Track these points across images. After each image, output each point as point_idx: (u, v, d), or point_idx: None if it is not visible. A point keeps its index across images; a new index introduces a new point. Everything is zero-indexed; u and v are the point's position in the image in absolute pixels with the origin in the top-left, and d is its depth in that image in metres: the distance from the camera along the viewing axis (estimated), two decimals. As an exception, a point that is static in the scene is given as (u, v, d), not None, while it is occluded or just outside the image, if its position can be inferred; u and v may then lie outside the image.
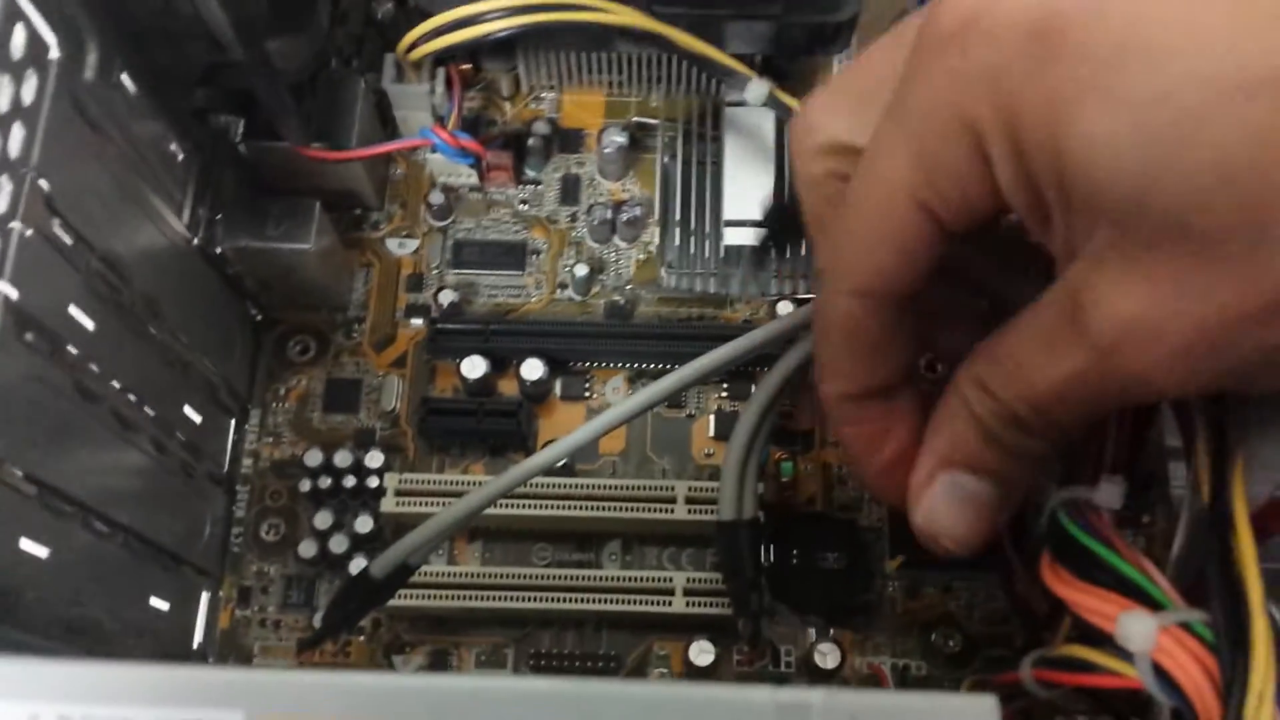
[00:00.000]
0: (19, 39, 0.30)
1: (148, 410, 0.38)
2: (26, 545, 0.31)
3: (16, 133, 0.30)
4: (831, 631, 0.43)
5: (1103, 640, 0.29)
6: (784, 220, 0.46)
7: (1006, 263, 0.30)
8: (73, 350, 0.33)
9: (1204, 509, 0.27)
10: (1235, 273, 0.21)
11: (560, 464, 0.44)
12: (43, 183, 0.31)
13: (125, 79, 0.36)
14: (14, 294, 0.30)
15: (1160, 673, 0.27)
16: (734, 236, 0.45)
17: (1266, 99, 0.19)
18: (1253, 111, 0.20)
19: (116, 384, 0.36)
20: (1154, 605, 0.27)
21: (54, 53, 0.32)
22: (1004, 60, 0.22)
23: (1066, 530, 0.30)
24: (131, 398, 0.37)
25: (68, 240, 0.33)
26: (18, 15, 0.30)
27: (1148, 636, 0.27)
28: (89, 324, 0.34)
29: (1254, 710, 0.24)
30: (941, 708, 0.21)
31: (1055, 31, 0.21)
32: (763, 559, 0.42)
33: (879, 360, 0.28)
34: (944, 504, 0.28)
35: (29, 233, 0.31)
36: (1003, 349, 0.26)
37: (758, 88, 0.44)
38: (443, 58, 0.47)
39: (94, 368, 0.34)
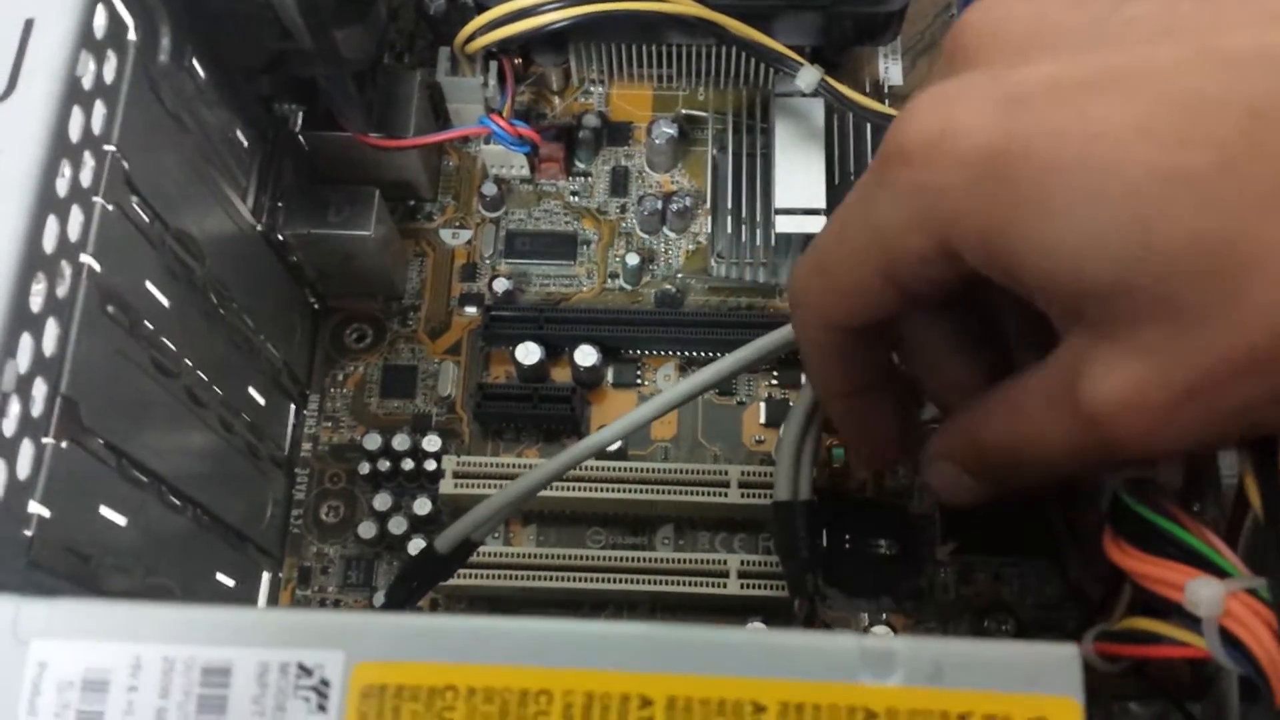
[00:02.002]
0: (100, 19, 0.31)
1: (216, 389, 0.38)
2: (106, 512, 0.32)
3: (99, 110, 0.31)
4: (885, 616, 0.43)
5: (1166, 613, 0.29)
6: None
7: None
8: (149, 325, 0.34)
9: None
10: (1216, 334, 0.23)
11: (614, 448, 0.44)
12: (122, 160, 0.32)
13: (196, 64, 0.37)
14: (97, 266, 0.31)
15: (1228, 639, 0.27)
16: (785, 225, 0.45)
17: (1224, 180, 0.22)
18: (1213, 191, 0.22)
19: (189, 361, 0.36)
20: (1220, 574, 0.28)
21: (132, 35, 0.33)
22: (971, 180, 0.24)
23: (1130, 508, 0.30)
24: (202, 375, 0.37)
25: (145, 218, 0.34)
26: (100, -4, 0.31)
27: (1216, 601, 0.27)
28: (164, 301, 0.35)
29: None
30: (1025, 655, 0.22)
31: (1018, 152, 0.24)
32: (818, 544, 0.42)
33: (852, 370, 0.31)
34: (939, 481, 0.32)
35: (110, 208, 0.31)
36: (1008, 403, 0.29)
37: (809, 74, 0.44)
38: (495, 51, 0.47)
39: (169, 344, 0.35)
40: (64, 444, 0.29)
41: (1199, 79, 0.23)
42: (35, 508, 0.28)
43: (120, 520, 0.32)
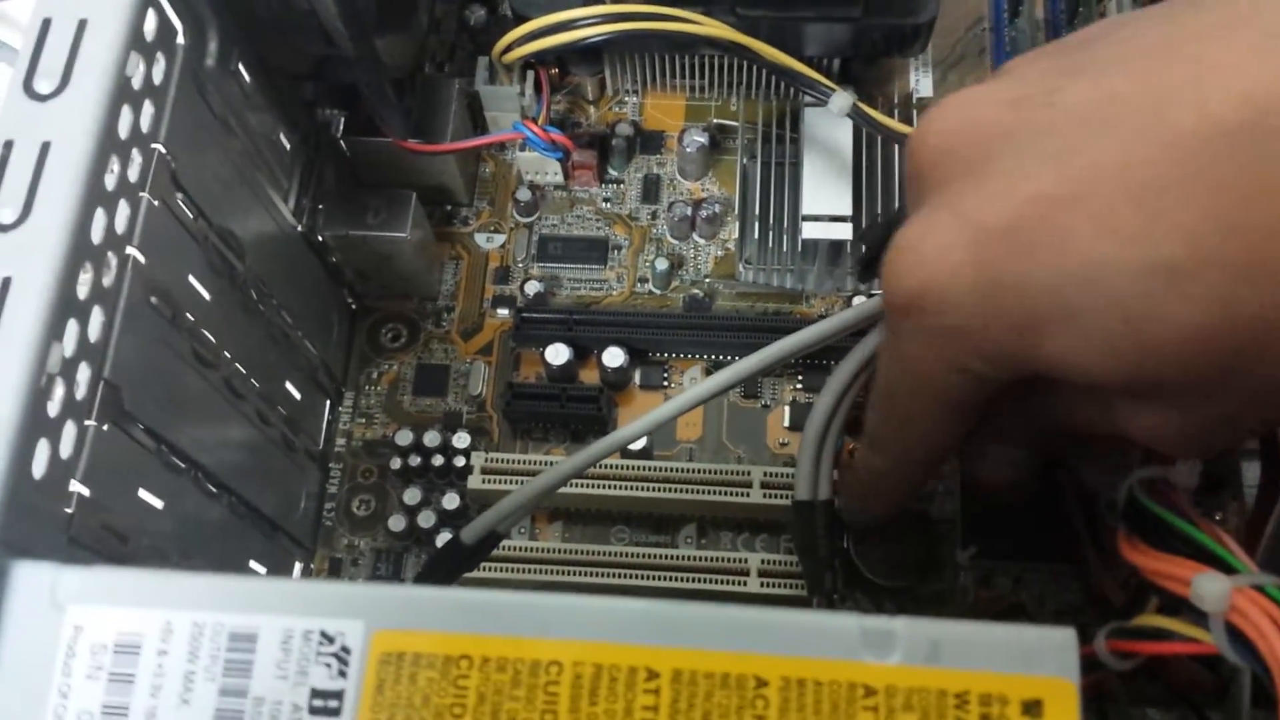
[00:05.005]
0: (151, 23, 0.33)
1: (254, 382, 0.40)
2: (145, 496, 0.33)
3: (147, 109, 0.33)
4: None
5: (1180, 611, 0.30)
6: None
7: None
8: (190, 318, 0.35)
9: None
10: (1219, 404, 0.25)
11: (639, 447, 0.45)
12: (169, 159, 0.34)
13: (242, 69, 0.39)
14: (142, 259, 0.32)
15: (1234, 634, 0.27)
16: (812, 231, 0.46)
17: (1199, 264, 0.22)
18: (1191, 278, 0.23)
19: (228, 354, 0.38)
20: (1229, 571, 0.28)
21: (180, 38, 0.35)
22: (966, 317, 0.26)
23: (1143, 506, 0.31)
24: (241, 368, 0.39)
25: (189, 215, 0.35)
26: (150, 1, 0.33)
27: (1222, 596, 0.27)
28: (206, 295, 0.36)
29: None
30: (1022, 637, 0.22)
31: (997, 282, 0.25)
32: (837, 544, 0.43)
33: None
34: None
35: (156, 203, 0.33)
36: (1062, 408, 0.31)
37: (841, 100, 0.45)
38: (532, 61, 0.49)
39: (209, 336, 0.36)
40: (105, 427, 0.30)
41: (1150, 169, 0.23)
42: (76, 487, 0.29)
43: (158, 504, 0.34)
